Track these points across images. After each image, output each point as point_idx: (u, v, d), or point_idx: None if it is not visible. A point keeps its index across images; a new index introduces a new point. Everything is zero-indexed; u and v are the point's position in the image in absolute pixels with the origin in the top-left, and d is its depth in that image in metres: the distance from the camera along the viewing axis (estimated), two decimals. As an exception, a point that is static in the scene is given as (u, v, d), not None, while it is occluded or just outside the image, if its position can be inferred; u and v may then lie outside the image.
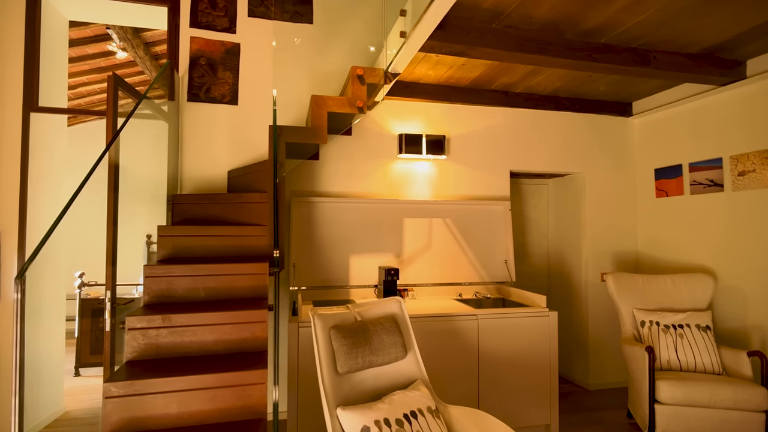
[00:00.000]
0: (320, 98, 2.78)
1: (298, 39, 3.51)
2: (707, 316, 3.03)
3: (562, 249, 4.29)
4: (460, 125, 3.75)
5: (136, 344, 1.98)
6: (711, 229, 3.39)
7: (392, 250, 3.45)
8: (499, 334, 2.86)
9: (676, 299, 3.24)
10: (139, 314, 2.02)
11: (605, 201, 4.03)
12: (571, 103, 3.93)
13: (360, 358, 1.81)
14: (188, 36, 3.24)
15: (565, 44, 2.72)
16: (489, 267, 3.60)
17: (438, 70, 3.32)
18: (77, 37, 4.35)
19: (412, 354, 2.06)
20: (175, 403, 1.77)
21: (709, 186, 3.38)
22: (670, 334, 2.98)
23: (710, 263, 3.40)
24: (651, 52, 2.91)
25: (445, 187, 3.68)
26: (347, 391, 1.80)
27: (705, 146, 3.43)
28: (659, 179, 3.83)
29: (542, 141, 3.93)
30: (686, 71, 2.99)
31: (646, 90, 3.76)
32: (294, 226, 3.25)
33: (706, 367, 2.85)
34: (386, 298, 2.17)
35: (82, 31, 4.22)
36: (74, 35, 4.30)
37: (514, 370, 2.87)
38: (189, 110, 3.22)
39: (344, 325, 1.89)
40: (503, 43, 2.61)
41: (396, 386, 1.96)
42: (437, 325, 2.77)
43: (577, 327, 4.03)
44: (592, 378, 3.89)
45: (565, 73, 3.34)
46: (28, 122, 2.99)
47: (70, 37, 4.31)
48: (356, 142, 3.53)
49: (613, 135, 4.09)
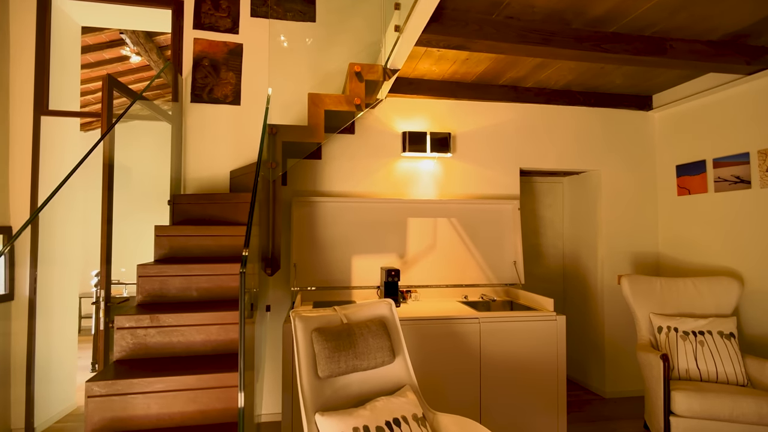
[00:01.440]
0: (317, 96, 2.74)
1: (310, 39, 3.49)
2: (731, 323, 2.81)
3: (578, 250, 4.11)
4: (466, 122, 3.63)
5: (125, 344, 1.99)
6: (737, 229, 3.16)
7: (396, 251, 3.37)
8: (502, 339, 2.74)
9: (698, 304, 3.03)
10: (132, 313, 2.02)
11: (622, 199, 3.83)
12: (585, 97, 3.75)
13: (343, 362, 1.75)
14: (192, 37, 3.26)
15: (572, 34, 2.58)
16: (497, 268, 3.47)
17: (441, 66, 3.23)
18: (93, 42, 4.48)
19: (401, 358, 1.99)
20: (156, 404, 1.76)
21: (735, 183, 3.15)
22: (690, 341, 2.79)
23: (736, 265, 3.16)
24: (666, 41, 2.73)
25: (451, 185, 3.58)
26: (329, 396, 1.74)
27: (730, 140, 3.20)
28: (681, 176, 3.60)
29: (554, 137, 3.76)
30: (707, 60, 2.79)
31: (666, 82, 3.54)
32: (295, 226, 3.22)
33: (729, 378, 2.65)
34: (375, 300, 2.10)
35: (97, 36, 4.34)
36: (90, 41, 4.43)
37: (519, 377, 2.74)
38: (192, 111, 3.24)
39: (328, 327, 1.83)
40: (504, 34, 2.50)
41: (383, 392, 1.89)
42: (437, 328, 2.68)
43: (594, 331, 3.85)
44: (609, 385, 3.70)
45: (575, 65, 3.18)
46: (39, 125, 3.08)
47: (87, 43, 4.44)
48: (359, 141, 3.47)
49: (632, 130, 3.88)
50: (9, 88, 3.03)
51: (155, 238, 2.52)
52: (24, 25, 3.06)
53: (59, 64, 3.29)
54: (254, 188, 1.77)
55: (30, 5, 3.07)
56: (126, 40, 4.31)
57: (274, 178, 2.69)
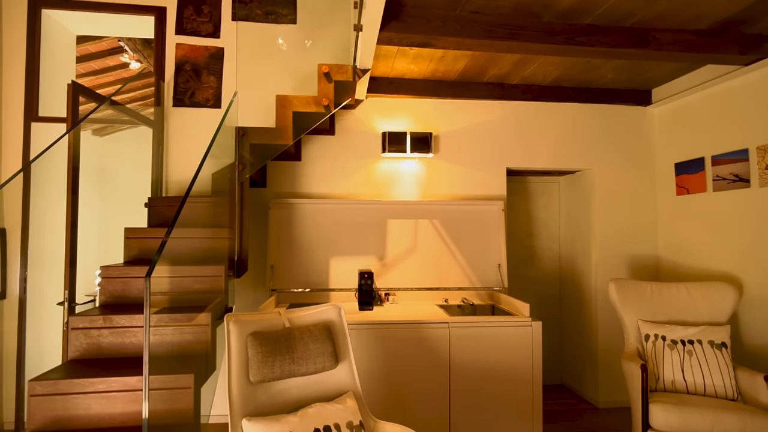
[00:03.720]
0: (285, 98, 2.73)
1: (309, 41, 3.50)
2: (724, 332, 2.62)
3: (574, 253, 3.94)
4: (451, 121, 3.55)
5: (79, 344, 2.03)
6: (736, 232, 2.95)
7: (375, 253, 3.33)
8: (473, 346, 2.65)
9: (691, 311, 2.84)
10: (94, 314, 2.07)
11: (618, 200, 3.64)
12: (577, 93, 3.60)
13: (278, 366, 1.73)
14: (174, 43, 3.32)
15: (542, 28, 2.47)
16: (480, 271, 3.37)
17: (419, 64, 3.16)
18: (96, 50, 4.64)
19: (346, 364, 1.94)
20: (97, 404, 1.78)
21: (733, 181, 2.94)
22: (677, 351, 2.62)
23: (736, 270, 2.95)
24: (649, 31, 2.57)
25: (434, 186, 3.50)
26: (263, 401, 1.72)
27: (729, 137, 3.00)
28: (680, 175, 3.40)
29: (544, 136, 3.63)
30: (696, 51, 2.61)
31: (662, 75, 3.35)
32: (273, 228, 3.23)
33: (717, 391, 2.47)
34: (324, 304, 2.06)
35: (98, 44, 4.50)
36: (93, 49, 4.59)
37: (491, 387, 2.64)
38: (174, 115, 3.30)
39: (266, 331, 1.81)
40: (469, 30, 2.41)
41: (324, 398, 1.85)
42: (404, 333, 2.62)
43: (588, 338, 3.68)
44: (603, 394, 3.53)
45: (559, 60, 3.05)
46: (29, 131, 3.21)
47: (89, 51, 4.61)
48: (339, 142, 3.45)
49: (628, 127, 3.70)
50: (1, 95, 3.17)
51: (125, 240, 2.57)
52: (15, 34, 3.19)
53: (53, 71, 3.42)
54: (189, 188, 1.77)
55: (21, 16, 3.20)
56: (125, 47, 4.45)
57: (241, 180, 2.70)
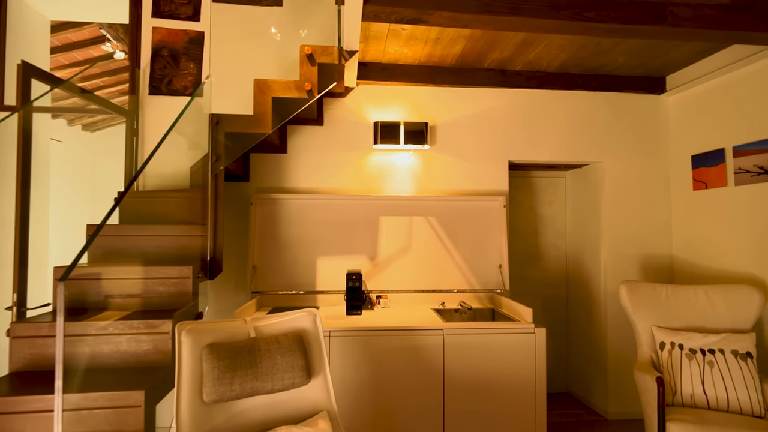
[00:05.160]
0: (263, 82, 2.50)
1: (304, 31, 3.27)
2: (749, 340, 2.36)
3: (581, 252, 3.68)
4: (448, 110, 3.30)
5: (22, 354, 1.81)
6: (761, 229, 2.68)
7: (366, 252, 3.09)
8: (470, 355, 2.40)
9: (711, 317, 2.58)
10: (41, 320, 1.85)
11: (630, 195, 3.37)
12: (585, 80, 3.33)
13: (237, 383, 1.49)
14: (150, 26, 3.09)
15: (546, 1, 2.21)
16: (480, 272, 3.12)
17: (414, 48, 2.91)
18: (78, 39, 4.43)
19: (320, 380, 1.70)
20: (33, 426, 1.56)
21: (758, 174, 2.67)
22: (696, 361, 2.36)
23: (759, 272, 2.68)
24: (666, 6, 2.30)
25: (430, 181, 3.26)
26: (219, 424, 1.49)
27: (753, 125, 2.72)
28: (697, 168, 3.13)
29: (550, 126, 3.36)
30: (717, 28, 2.34)
31: (679, 59, 3.07)
32: (255, 225, 3.00)
33: (742, 407, 2.21)
34: (298, 310, 1.82)
35: (78, 33, 4.29)
36: (74, 37, 4.39)
37: (490, 399, 2.40)
38: (150, 104, 3.07)
39: (226, 343, 1.58)
40: (464, 4, 2.16)
41: (294, 419, 1.61)
42: (394, 341, 2.38)
43: (596, 345, 3.42)
44: (612, 405, 3.26)
45: (566, 42, 2.79)
46: (-5, 121, 2.99)
47: (70, 40, 4.40)
48: (328, 133, 3.21)
49: (641, 117, 3.42)
50: (-35, 83, 2.95)
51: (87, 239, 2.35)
52: (-21, 18, 2.98)
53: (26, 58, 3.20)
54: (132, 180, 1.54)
55: (-15, -1, 2.99)
56: (107, 36, 4.23)
57: (216, 172, 2.47)
